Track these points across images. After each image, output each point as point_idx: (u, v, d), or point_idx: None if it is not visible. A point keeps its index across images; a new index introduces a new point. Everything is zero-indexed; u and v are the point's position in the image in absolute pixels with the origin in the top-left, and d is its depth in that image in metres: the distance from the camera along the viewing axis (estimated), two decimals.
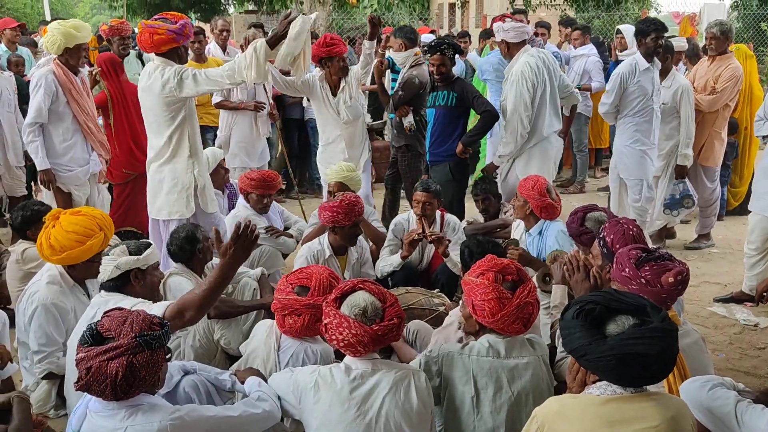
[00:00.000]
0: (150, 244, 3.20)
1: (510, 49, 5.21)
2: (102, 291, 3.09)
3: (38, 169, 5.10)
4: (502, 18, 5.29)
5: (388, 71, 6.74)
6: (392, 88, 7.58)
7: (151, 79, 4.22)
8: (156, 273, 3.23)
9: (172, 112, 4.28)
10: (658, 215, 5.96)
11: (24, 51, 7.73)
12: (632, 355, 1.91)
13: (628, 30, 7.78)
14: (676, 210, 5.83)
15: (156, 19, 4.27)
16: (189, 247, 3.77)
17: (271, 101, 6.72)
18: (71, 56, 5.04)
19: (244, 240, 2.66)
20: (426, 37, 8.24)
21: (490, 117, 5.19)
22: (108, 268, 3.03)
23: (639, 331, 1.94)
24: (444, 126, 5.31)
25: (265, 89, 6.58)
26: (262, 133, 6.62)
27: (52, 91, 4.99)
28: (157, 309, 2.73)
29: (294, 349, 2.94)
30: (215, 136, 6.68)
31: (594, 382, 2.06)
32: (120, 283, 3.05)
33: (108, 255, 3.08)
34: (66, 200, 5.20)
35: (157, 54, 4.25)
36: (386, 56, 6.38)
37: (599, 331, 1.98)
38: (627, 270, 2.66)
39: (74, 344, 2.84)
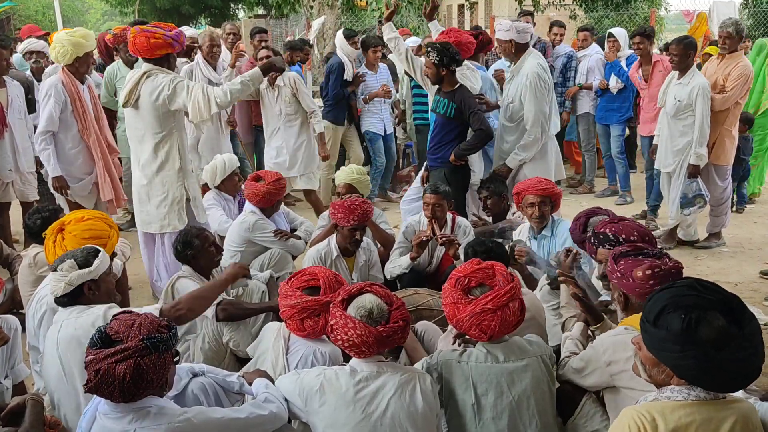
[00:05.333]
0: (98, 252, 3.02)
1: (517, 50, 5.34)
2: (59, 307, 2.97)
3: (50, 175, 5.16)
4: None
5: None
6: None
7: (140, 87, 4.26)
8: (109, 278, 3.07)
9: (162, 120, 4.33)
10: (675, 215, 5.94)
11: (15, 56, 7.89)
12: (746, 369, 1.90)
13: (620, 33, 7.93)
14: (687, 209, 5.80)
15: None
16: (182, 249, 3.81)
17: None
18: (81, 64, 5.15)
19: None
20: (411, 41, 8.15)
21: (483, 135, 5.08)
22: (60, 285, 2.88)
23: (745, 339, 1.88)
24: (442, 134, 5.25)
25: None
26: (225, 132, 6.60)
27: (62, 100, 5.09)
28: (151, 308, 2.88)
29: (303, 351, 2.95)
30: None
31: (674, 384, 1.99)
32: (73, 298, 2.93)
33: (56, 270, 2.92)
34: (76, 209, 5.24)
35: (149, 59, 4.31)
36: None
37: (702, 343, 1.87)
38: (609, 264, 2.77)
39: (49, 355, 2.89)
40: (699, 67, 6.40)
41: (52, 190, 5.29)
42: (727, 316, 1.91)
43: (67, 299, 2.93)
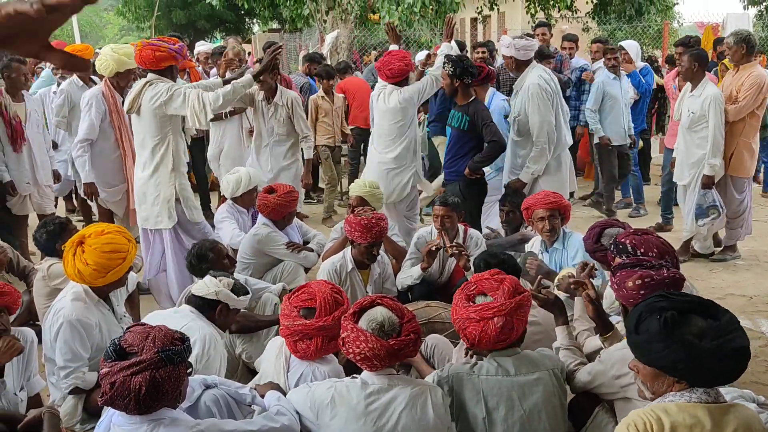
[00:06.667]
0: (248, 293, 3.41)
1: (518, 66, 5.39)
2: (185, 305, 3.28)
3: (83, 181, 5.49)
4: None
5: None
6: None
7: (142, 94, 4.55)
8: (236, 318, 3.47)
9: (159, 125, 4.60)
10: (690, 227, 5.90)
11: (46, 71, 8.23)
12: (733, 351, 1.96)
13: (630, 45, 7.95)
14: (702, 220, 5.76)
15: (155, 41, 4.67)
16: (197, 263, 3.87)
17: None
18: (121, 79, 5.46)
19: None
20: (420, 54, 8.22)
21: (497, 147, 5.11)
22: (209, 289, 3.22)
23: (723, 327, 1.97)
24: (458, 147, 5.26)
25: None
26: (247, 144, 6.59)
27: (103, 110, 5.43)
28: None
29: (302, 370, 2.91)
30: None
31: (675, 390, 2.04)
32: (206, 306, 3.24)
33: (215, 277, 3.30)
34: (107, 216, 5.65)
35: (154, 70, 4.62)
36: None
37: (683, 337, 1.98)
38: (609, 277, 2.91)
39: None
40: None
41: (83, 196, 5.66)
42: (702, 314, 2.02)
43: (200, 303, 3.23)
